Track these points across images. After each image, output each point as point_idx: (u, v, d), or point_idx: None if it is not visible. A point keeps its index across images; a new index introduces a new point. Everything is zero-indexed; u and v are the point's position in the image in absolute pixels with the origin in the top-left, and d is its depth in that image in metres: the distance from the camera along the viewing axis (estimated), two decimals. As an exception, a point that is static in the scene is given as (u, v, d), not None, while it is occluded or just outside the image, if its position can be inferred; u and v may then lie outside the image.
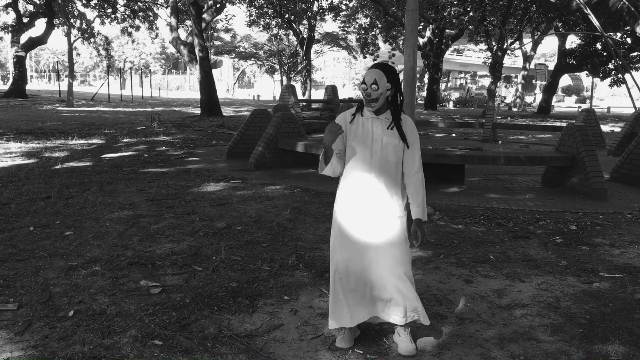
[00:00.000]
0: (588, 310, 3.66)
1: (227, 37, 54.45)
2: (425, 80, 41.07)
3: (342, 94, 40.91)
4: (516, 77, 45.67)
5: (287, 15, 36.60)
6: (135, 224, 5.53)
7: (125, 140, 13.07)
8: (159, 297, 3.73)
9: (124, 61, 72.12)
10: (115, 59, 66.89)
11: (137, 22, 34.29)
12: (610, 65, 28.96)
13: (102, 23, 34.18)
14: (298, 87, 38.81)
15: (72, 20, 32.48)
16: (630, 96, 16.44)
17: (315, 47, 45.68)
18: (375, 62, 3.76)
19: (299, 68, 41.62)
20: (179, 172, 8.75)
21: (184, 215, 5.94)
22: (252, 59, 55.14)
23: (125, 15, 33.73)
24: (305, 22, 37.41)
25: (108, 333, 3.20)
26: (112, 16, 33.32)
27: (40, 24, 34.51)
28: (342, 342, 3.11)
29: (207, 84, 22.67)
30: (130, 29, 34.96)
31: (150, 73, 62.99)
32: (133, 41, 46.34)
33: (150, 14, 33.79)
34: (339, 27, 40.89)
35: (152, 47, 74.04)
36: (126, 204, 6.38)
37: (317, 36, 42.76)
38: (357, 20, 38.10)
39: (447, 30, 33.50)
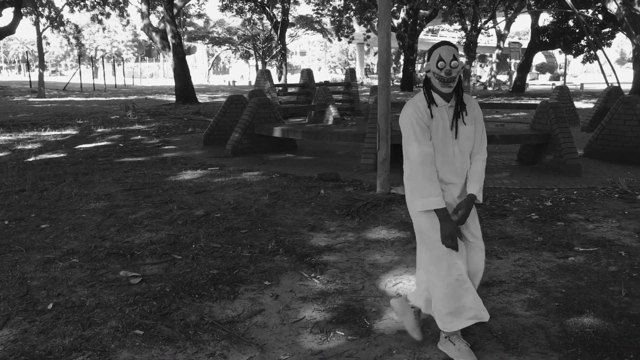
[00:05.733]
0: (564, 284, 3.74)
1: (200, 22, 53.84)
2: (401, 61, 41.06)
3: (318, 78, 40.75)
4: (491, 56, 45.95)
5: (260, -1, 36.26)
6: (112, 215, 5.48)
7: (99, 130, 12.88)
8: (139, 287, 3.71)
9: (96, 49, 70.80)
10: (86, 48, 65.58)
11: (107, 9, 33.56)
12: (583, 42, 29.28)
13: (72, 11, 33.38)
14: (274, 71, 38.57)
15: (40, 9, 31.66)
16: (603, 72, 16.66)
17: (289, 31, 45.36)
18: (443, 41, 3.21)
19: (274, 52, 41.32)
20: (155, 161, 8.67)
21: (161, 204, 5.89)
22: (227, 44, 54.57)
23: (95, 3, 33.01)
24: (278, 5, 37.07)
25: (88, 325, 3.18)
26: (82, 4, 32.58)
27: (7, 14, 33.78)
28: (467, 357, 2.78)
29: (181, 71, 22.42)
30: (100, 17, 34.21)
31: (123, 61, 62.04)
32: (104, 29, 45.49)
33: (121, 0, 33.14)
34: (313, 10, 40.66)
35: (124, 34, 72.76)
36: (102, 195, 6.31)
37: (291, 20, 42.42)
38: (331, 2, 37.88)
39: (421, 11, 33.50)
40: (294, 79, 43.59)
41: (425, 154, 2.71)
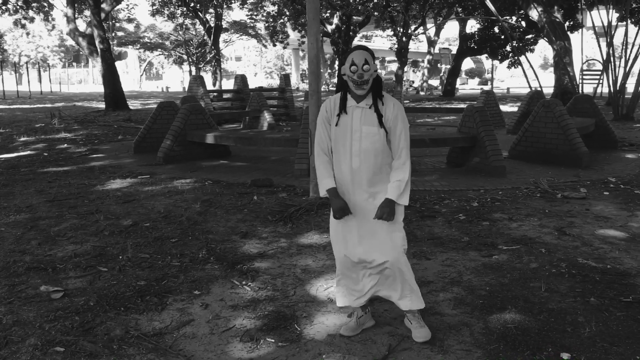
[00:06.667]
0: (488, 282, 3.86)
1: (130, 27, 52.47)
2: (336, 66, 41.44)
3: (255, 83, 40.54)
4: (423, 61, 47.10)
5: (192, 4, 35.72)
6: (33, 227, 5.24)
7: (22, 139, 12.30)
8: (61, 302, 3.56)
9: (19, 55, 67.72)
10: (9, 53, 62.72)
11: (30, 13, 32.18)
12: (508, 48, 30.41)
13: (-8, 15, 31.86)
14: (209, 77, 38.05)
15: (-44, 12, 30.00)
16: (526, 77, 17.39)
17: (224, 36, 44.91)
18: (357, 45, 3.34)
19: (208, 58, 40.80)
20: (82, 170, 8.37)
21: (87, 214, 5.69)
22: (159, 49, 53.41)
23: (18, 7, 31.58)
24: (211, 10, 36.66)
25: (5, 344, 3.03)
26: (3, 7, 31.10)
27: None
28: (346, 331, 3.15)
29: (111, 77, 21.76)
30: (23, 21, 32.78)
31: (49, 67, 59.61)
32: (28, 34, 43.65)
33: (45, 4, 31.81)
34: (247, 15, 40.42)
35: (50, 39, 69.89)
36: (23, 207, 6.03)
37: (225, 25, 42.02)
38: (264, 8, 37.77)
39: (354, 17, 33.94)
40: (229, 84, 43.19)
41: (318, 144, 3.06)
